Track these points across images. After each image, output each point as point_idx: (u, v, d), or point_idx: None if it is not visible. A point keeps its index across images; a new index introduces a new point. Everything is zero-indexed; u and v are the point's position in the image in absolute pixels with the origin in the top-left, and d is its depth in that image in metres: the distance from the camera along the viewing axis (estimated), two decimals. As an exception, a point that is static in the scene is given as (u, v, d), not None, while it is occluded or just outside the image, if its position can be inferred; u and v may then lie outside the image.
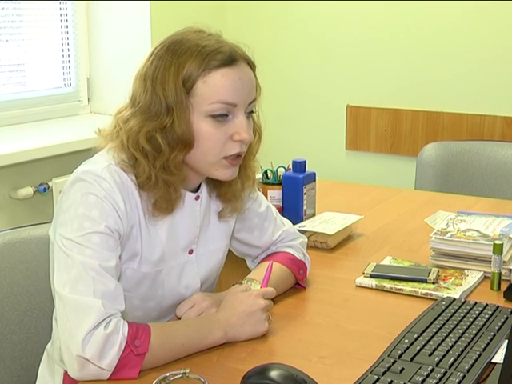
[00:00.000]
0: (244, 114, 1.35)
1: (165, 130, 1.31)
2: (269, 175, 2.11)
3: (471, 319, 1.38)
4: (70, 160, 2.60)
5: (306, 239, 1.69)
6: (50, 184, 2.61)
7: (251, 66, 1.38)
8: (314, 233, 1.89)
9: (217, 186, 1.45)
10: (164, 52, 1.33)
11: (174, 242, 1.41)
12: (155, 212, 1.35)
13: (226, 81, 1.31)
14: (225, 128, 1.33)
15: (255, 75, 1.39)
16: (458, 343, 1.29)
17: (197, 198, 1.43)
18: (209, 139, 1.33)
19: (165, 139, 1.31)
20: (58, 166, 2.65)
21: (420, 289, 1.58)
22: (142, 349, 1.22)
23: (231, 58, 1.33)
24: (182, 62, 1.31)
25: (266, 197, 2.05)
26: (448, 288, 1.59)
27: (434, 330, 1.34)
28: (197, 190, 1.44)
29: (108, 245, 1.27)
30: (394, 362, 1.22)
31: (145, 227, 1.36)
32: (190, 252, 1.45)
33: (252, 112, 1.39)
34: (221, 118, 1.32)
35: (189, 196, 1.42)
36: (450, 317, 1.40)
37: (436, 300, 1.50)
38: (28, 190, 2.56)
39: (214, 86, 1.31)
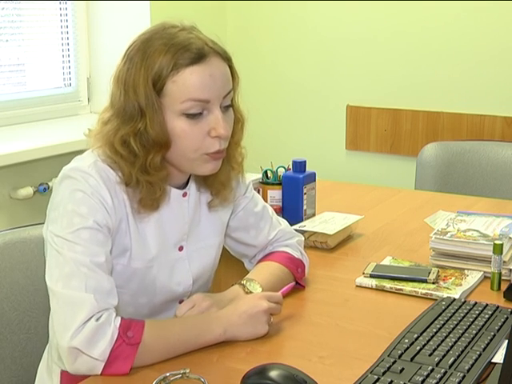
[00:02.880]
0: (219, 109, 1.33)
1: (139, 133, 1.31)
2: (269, 175, 2.11)
3: (471, 319, 1.38)
4: (69, 160, 2.60)
5: (303, 238, 1.69)
6: (49, 184, 2.61)
7: (224, 58, 1.36)
8: (314, 233, 1.89)
9: (204, 178, 1.45)
10: (134, 53, 1.33)
11: (163, 239, 1.41)
12: (141, 209, 1.36)
13: (196, 78, 1.30)
14: (200, 124, 1.33)
15: (231, 66, 1.38)
16: (458, 343, 1.29)
17: (184, 195, 1.44)
18: (185, 137, 1.33)
19: (139, 143, 1.31)
20: (58, 166, 2.61)
21: (420, 289, 1.58)
22: (134, 339, 1.22)
23: (199, 54, 1.31)
24: (150, 63, 1.30)
25: (266, 197, 2.05)
26: (448, 288, 1.59)
27: (434, 330, 1.34)
28: (184, 186, 1.45)
29: (97, 240, 1.28)
30: (394, 362, 1.22)
31: (133, 223, 1.37)
32: (180, 249, 1.45)
33: (230, 106, 1.37)
34: (194, 115, 1.32)
35: (175, 193, 1.42)
36: (450, 317, 1.40)
37: (436, 300, 1.50)
38: (28, 190, 2.55)
39: (183, 85, 1.30)
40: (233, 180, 1.50)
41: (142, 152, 1.32)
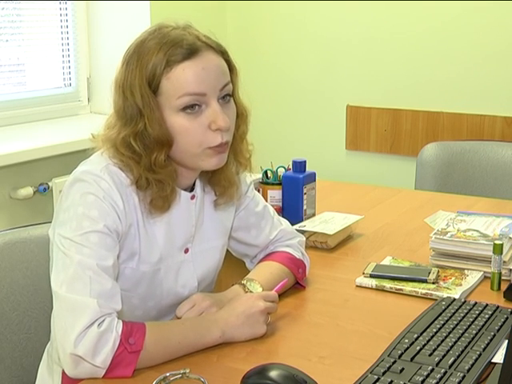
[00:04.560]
0: (217, 102, 1.33)
1: (140, 134, 1.32)
2: (269, 175, 2.10)
3: (471, 319, 1.38)
4: (70, 160, 2.60)
5: (304, 238, 1.69)
6: (49, 184, 2.61)
7: (218, 52, 1.37)
8: (314, 233, 1.89)
9: (210, 175, 1.45)
10: (130, 56, 1.34)
11: (171, 242, 1.42)
12: (152, 210, 1.36)
13: (189, 73, 1.31)
14: (200, 119, 1.33)
15: (227, 59, 1.38)
16: (458, 343, 1.28)
17: (192, 198, 1.44)
18: (186, 133, 1.33)
19: (141, 143, 1.32)
20: (57, 166, 2.65)
21: (420, 289, 1.58)
22: (136, 346, 1.22)
23: (191, 50, 1.32)
24: (144, 63, 1.31)
25: (266, 197, 2.05)
26: (448, 288, 1.59)
27: (434, 330, 1.34)
28: (192, 189, 1.45)
29: (106, 244, 1.27)
30: (394, 362, 1.22)
31: (143, 226, 1.36)
32: (186, 251, 1.45)
33: (229, 96, 1.37)
34: (192, 109, 1.32)
35: (184, 195, 1.42)
36: (450, 317, 1.40)
37: (436, 300, 1.50)
38: (28, 190, 2.56)
39: (178, 81, 1.30)
40: (239, 175, 1.50)
41: (144, 152, 1.32)
